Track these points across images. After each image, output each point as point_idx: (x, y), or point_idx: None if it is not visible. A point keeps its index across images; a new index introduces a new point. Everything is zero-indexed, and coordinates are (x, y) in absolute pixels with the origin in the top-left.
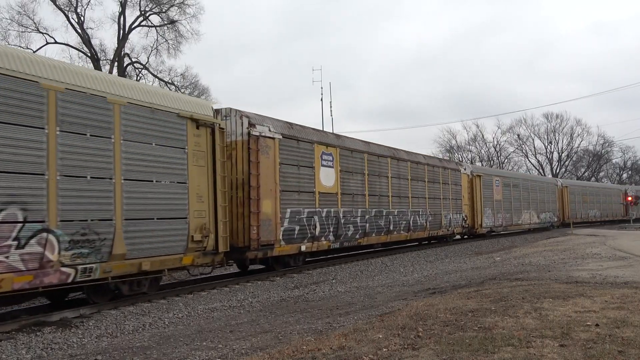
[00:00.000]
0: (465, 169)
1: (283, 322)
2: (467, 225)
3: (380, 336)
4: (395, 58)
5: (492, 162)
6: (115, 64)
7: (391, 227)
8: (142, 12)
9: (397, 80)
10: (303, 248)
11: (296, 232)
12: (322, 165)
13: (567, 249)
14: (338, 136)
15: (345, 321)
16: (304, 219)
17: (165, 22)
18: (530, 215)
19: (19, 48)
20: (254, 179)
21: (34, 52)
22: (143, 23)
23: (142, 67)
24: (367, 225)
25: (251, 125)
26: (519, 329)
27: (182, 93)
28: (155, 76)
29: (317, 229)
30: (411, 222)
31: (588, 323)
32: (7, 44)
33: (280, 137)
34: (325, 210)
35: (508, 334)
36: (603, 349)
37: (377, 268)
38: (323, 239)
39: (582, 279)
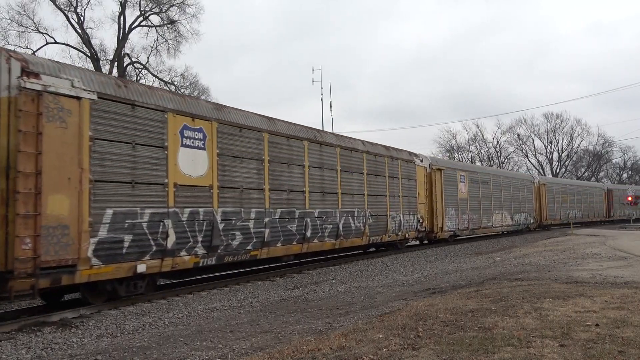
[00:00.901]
0: (421, 161)
1: (283, 322)
2: (424, 229)
3: (380, 336)
4: (395, 58)
5: (492, 162)
6: (115, 64)
7: (309, 233)
8: (142, 12)
9: (397, 80)
10: (142, 268)
11: (127, 244)
12: (184, 146)
13: (567, 249)
14: (219, 107)
15: (345, 321)
16: (144, 225)
17: (165, 22)
18: (503, 216)
19: None
20: (28, 160)
21: (34, 52)
22: (143, 23)
23: (142, 67)
24: (268, 231)
25: (28, 73)
26: (519, 329)
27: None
28: (155, 76)
29: (171, 239)
30: (341, 226)
31: (588, 323)
32: (7, 44)
33: (95, 97)
34: (187, 210)
35: (508, 334)
36: (603, 349)
37: (377, 268)
38: (184, 252)
39: (582, 279)
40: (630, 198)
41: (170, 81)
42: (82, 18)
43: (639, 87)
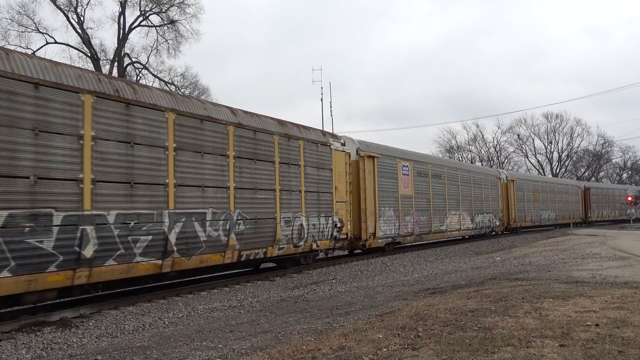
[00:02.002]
0: (343, 144)
1: (283, 322)
2: (344, 236)
3: (380, 336)
4: (392, 59)
5: (492, 162)
6: (115, 64)
7: (90, 252)
8: (142, 12)
9: (395, 81)
10: None
11: None
12: None
13: (567, 249)
14: None
15: (345, 321)
16: None
17: (165, 22)
18: (461, 218)
19: None
20: None
21: (34, 52)
22: (143, 23)
23: (142, 67)
24: None
25: None
26: (519, 329)
27: (182, 93)
28: (155, 76)
29: None
30: (174, 237)
31: (588, 323)
32: (7, 44)
33: None
34: None
35: (508, 334)
36: (603, 349)
37: (377, 268)
38: None
39: (582, 279)
40: (629, 198)
41: (170, 81)
42: (82, 18)
43: (636, 87)
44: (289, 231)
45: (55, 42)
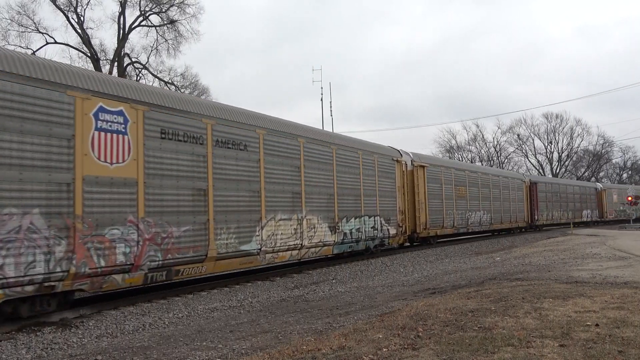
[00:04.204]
0: None
1: (283, 322)
2: None
3: (380, 336)
4: (390, 60)
5: (492, 162)
6: (115, 64)
7: None
8: (142, 12)
9: (394, 82)
10: None
11: None
12: None
13: (567, 249)
14: None
15: (345, 321)
16: None
17: (165, 22)
18: (304, 226)
19: None
20: None
21: (34, 52)
22: (143, 23)
23: (142, 67)
24: None
25: None
26: (519, 329)
27: (182, 93)
28: (155, 76)
29: None
30: None
31: (588, 323)
32: (7, 44)
33: None
34: None
35: (508, 334)
36: (603, 349)
37: (377, 268)
38: None
39: (582, 279)
40: (630, 198)
41: (170, 81)
42: (82, 18)
43: (636, 87)
44: None
45: (55, 42)
